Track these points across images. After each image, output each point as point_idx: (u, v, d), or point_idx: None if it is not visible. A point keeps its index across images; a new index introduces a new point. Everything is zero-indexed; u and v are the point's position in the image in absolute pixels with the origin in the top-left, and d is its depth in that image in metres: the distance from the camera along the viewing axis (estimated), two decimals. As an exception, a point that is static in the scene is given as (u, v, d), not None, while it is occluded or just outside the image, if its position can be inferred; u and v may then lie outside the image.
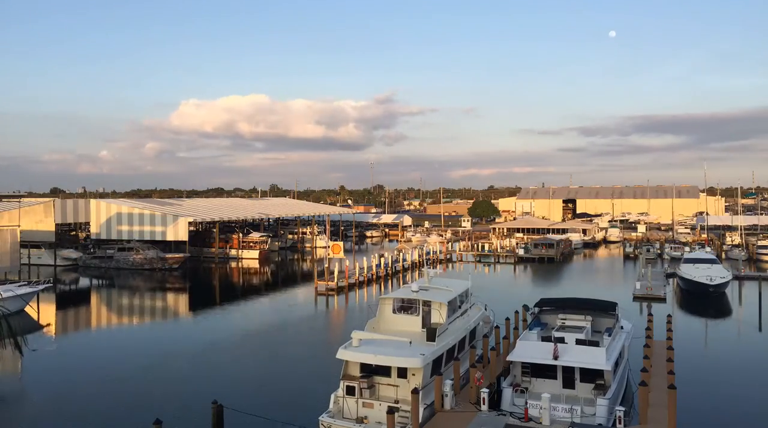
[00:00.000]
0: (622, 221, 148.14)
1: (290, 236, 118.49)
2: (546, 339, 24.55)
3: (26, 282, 52.46)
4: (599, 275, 75.05)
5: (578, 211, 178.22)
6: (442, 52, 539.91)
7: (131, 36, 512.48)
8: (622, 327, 28.97)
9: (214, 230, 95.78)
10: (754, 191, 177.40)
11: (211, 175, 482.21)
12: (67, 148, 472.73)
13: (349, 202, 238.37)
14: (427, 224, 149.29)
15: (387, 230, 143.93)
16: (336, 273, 60.64)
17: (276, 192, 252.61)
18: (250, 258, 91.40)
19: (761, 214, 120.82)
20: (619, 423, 20.81)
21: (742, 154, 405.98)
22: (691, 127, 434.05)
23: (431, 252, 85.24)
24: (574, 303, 30.36)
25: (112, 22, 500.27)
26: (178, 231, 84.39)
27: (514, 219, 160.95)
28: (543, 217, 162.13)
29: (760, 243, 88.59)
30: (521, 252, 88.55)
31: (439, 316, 26.50)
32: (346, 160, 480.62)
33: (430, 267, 35.39)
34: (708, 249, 79.37)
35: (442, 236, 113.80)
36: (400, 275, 71.69)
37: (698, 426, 24.58)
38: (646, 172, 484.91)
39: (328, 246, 66.38)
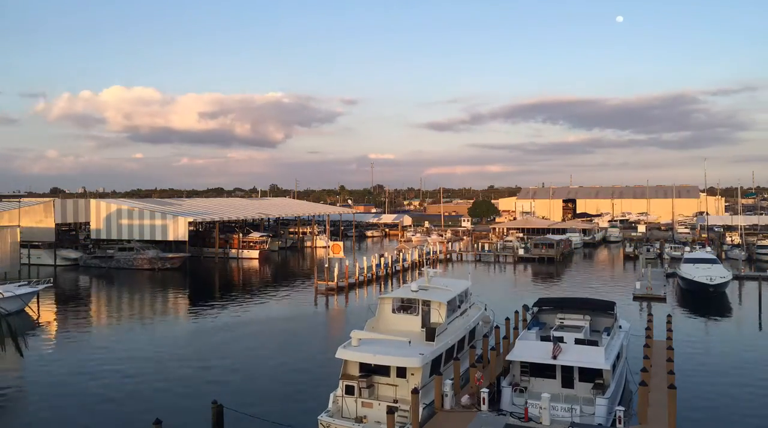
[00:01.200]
0: (622, 221, 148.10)
1: (290, 236, 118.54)
2: (545, 338, 24.54)
3: (26, 282, 52.43)
4: (599, 275, 75.01)
5: (578, 211, 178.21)
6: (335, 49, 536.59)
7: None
8: (620, 327, 28.98)
9: (214, 230, 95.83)
10: (754, 191, 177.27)
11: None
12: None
13: (349, 201, 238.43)
14: (427, 224, 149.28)
15: (387, 230, 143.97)
16: (336, 273, 60.65)
17: (276, 192, 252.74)
18: (250, 258, 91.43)
19: (761, 213, 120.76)
20: (619, 422, 20.81)
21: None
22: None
23: (431, 252, 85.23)
24: (573, 303, 30.38)
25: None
26: (178, 231, 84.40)
27: (514, 219, 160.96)
28: (543, 217, 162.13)
29: (760, 243, 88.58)
30: (521, 252, 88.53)
31: (438, 316, 26.50)
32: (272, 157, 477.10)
33: (430, 267, 35.38)
34: (708, 249, 79.31)
35: (442, 236, 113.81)
36: (400, 275, 71.68)
37: (698, 426, 24.60)
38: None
39: (328, 246, 66.42)
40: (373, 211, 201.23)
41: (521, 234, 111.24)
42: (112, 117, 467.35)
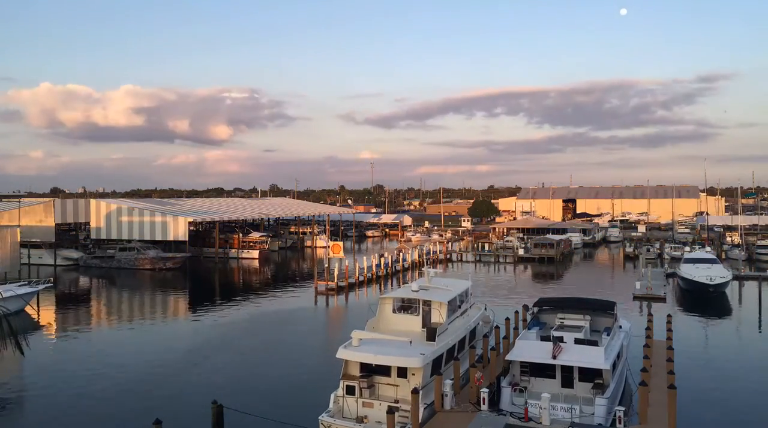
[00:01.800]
0: (622, 221, 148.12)
1: (290, 236, 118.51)
2: (545, 338, 24.54)
3: (26, 282, 52.47)
4: (599, 275, 75.05)
5: (578, 211, 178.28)
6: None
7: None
8: (620, 327, 28.98)
9: (214, 230, 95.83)
10: (754, 191, 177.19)
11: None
12: None
13: (349, 201, 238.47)
14: (427, 224, 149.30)
15: (387, 230, 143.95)
16: (336, 273, 60.66)
17: (276, 192, 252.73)
18: (250, 258, 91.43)
19: (761, 213, 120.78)
20: (619, 422, 20.84)
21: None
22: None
23: (431, 252, 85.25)
24: (573, 303, 30.37)
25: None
26: (178, 231, 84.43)
27: (514, 219, 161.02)
28: (543, 217, 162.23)
29: (760, 243, 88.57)
30: (521, 252, 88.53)
31: (439, 316, 26.50)
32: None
33: (430, 267, 35.39)
34: (708, 249, 79.33)
35: (442, 236, 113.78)
36: (400, 275, 71.69)
37: (698, 426, 24.60)
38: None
39: (328, 246, 66.45)
40: (373, 210, 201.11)
41: (521, 234, 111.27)
42: (35, 113, 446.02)
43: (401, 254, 77.49)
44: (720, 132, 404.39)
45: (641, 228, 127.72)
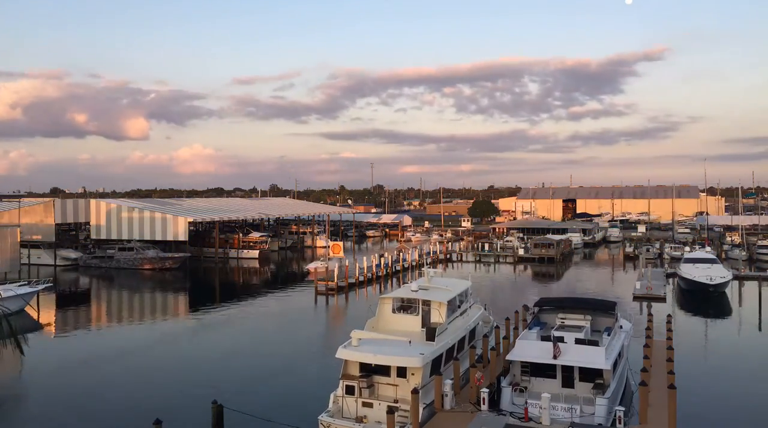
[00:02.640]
0: (622, 221, 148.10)
1: (290, 236, 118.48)
2: (545, 338, 24.52)
3: (26, 282, 52.45)
4: (599, 275, 75.03)
5: (578, 211, 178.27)
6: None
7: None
8: (621, 327, 28.95)
9: (214, 230, 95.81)
10: (754, 191, 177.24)
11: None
12: None
13: (349, 201, 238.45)
14: (427, 224, 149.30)
15: (387, 230, 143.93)
16: (336, 272, 60.63)
17: (276, 192, 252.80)
18: (249, 258, 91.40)
19: (761, 213, 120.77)
20: (619, 422, 20.81)
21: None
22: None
23: (431, 252, 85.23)
24: (574, 303, 30.36)
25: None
26: (178, 231, 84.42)
27: (514, 219, 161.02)
28: (543, 217, 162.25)
29: (760, 243, 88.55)
30: (521, 252, 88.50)
31: (438, 316, 26.49)
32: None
33: (430, 267, 35.37)
34: (708, 249, 79.30)
35: (442, 236, 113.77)
36: (400, 275, 71.67)
37: (698, 426, 24.57)
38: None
39: (328, 246, 66.40)
40: (373, 210, 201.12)
41: (521, 235, 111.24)
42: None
43: (401, 254, 77.46)
44: (674, 126, 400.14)
45: (641, 228, 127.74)
